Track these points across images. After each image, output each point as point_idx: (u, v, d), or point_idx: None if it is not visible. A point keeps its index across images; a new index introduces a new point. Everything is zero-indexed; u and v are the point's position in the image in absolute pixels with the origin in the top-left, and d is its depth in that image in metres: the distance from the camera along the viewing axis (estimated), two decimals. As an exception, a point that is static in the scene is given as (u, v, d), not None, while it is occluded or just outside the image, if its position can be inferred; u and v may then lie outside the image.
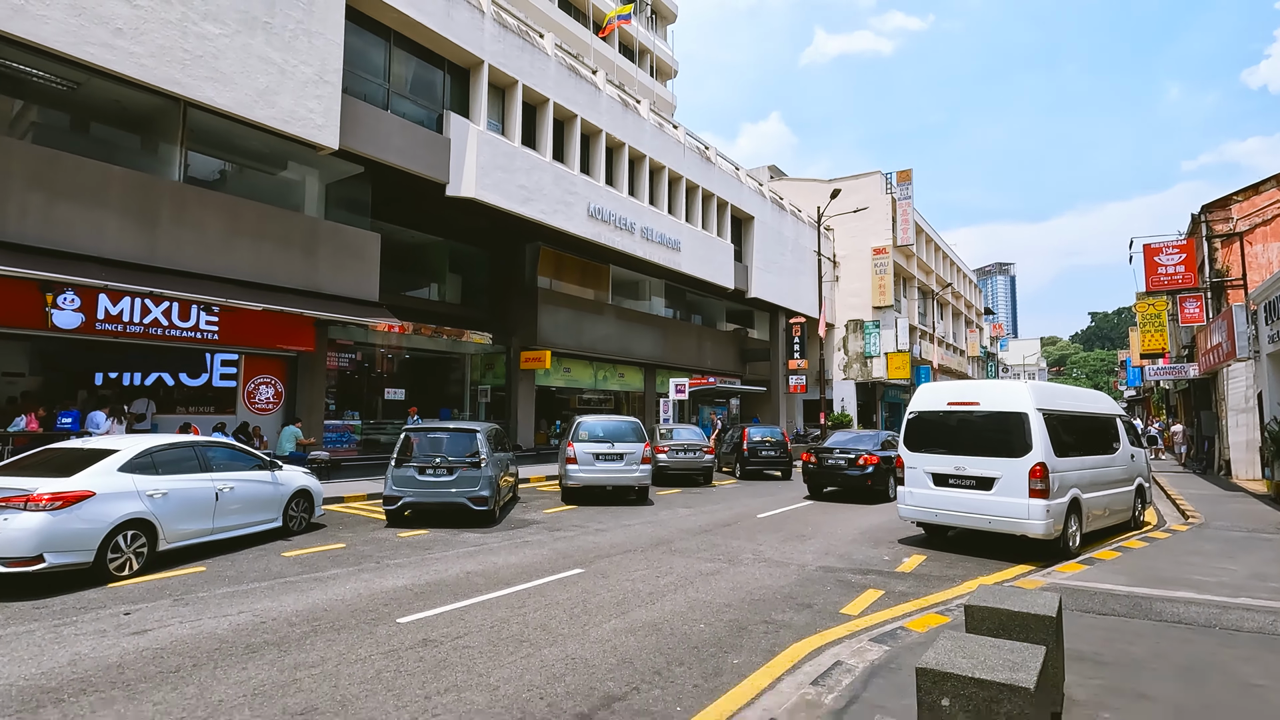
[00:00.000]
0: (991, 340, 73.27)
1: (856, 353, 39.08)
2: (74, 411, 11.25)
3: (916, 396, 9.15)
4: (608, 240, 21.49)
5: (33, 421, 10.65)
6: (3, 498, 5.97)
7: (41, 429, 10.76)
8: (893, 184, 40.17)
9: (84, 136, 13.82)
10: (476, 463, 9.81)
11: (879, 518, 11.37)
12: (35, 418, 10.79)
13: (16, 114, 12.88)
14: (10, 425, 10.47)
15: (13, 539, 5.82)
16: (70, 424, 10.90)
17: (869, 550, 8.69)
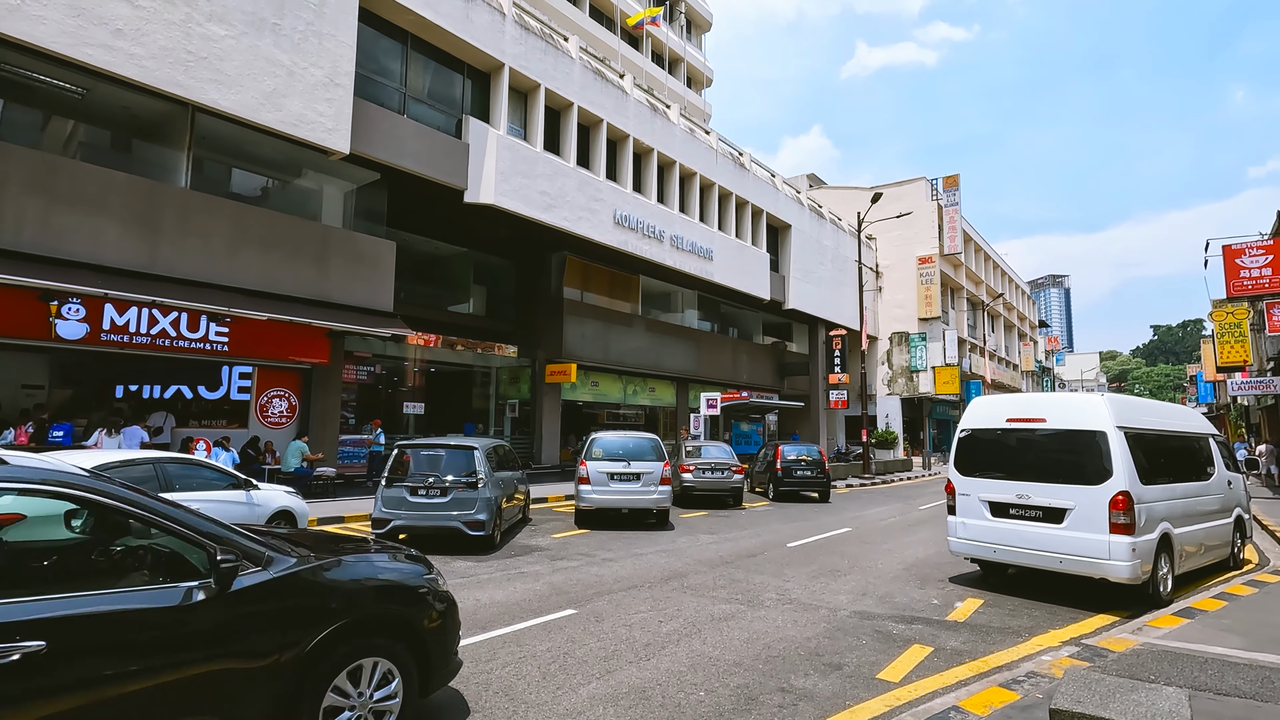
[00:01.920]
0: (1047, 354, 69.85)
1: (901, 367, 37.29)
2: (67, 425, 10.84)
3: (970, 411, 7.93)
4: (635, 249, 20.64)
5: (22, 435, 10.25)
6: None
7: (32, 443, 10.33)
8: (939, 190, 38.45)
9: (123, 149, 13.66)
10: (473, 483, 8.94)
11: (926, 550, 10.07)
12: (25, 431, 10.38)
13: (44, 127, 12.79)
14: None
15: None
16: (62, 438, 10.47)
17: (914, 591, 7.47)
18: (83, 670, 2.42)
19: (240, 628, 2.85)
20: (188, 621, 2.69)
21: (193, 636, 2.70)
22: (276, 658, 2.91)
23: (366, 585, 3.45)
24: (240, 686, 2.80)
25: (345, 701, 3.18)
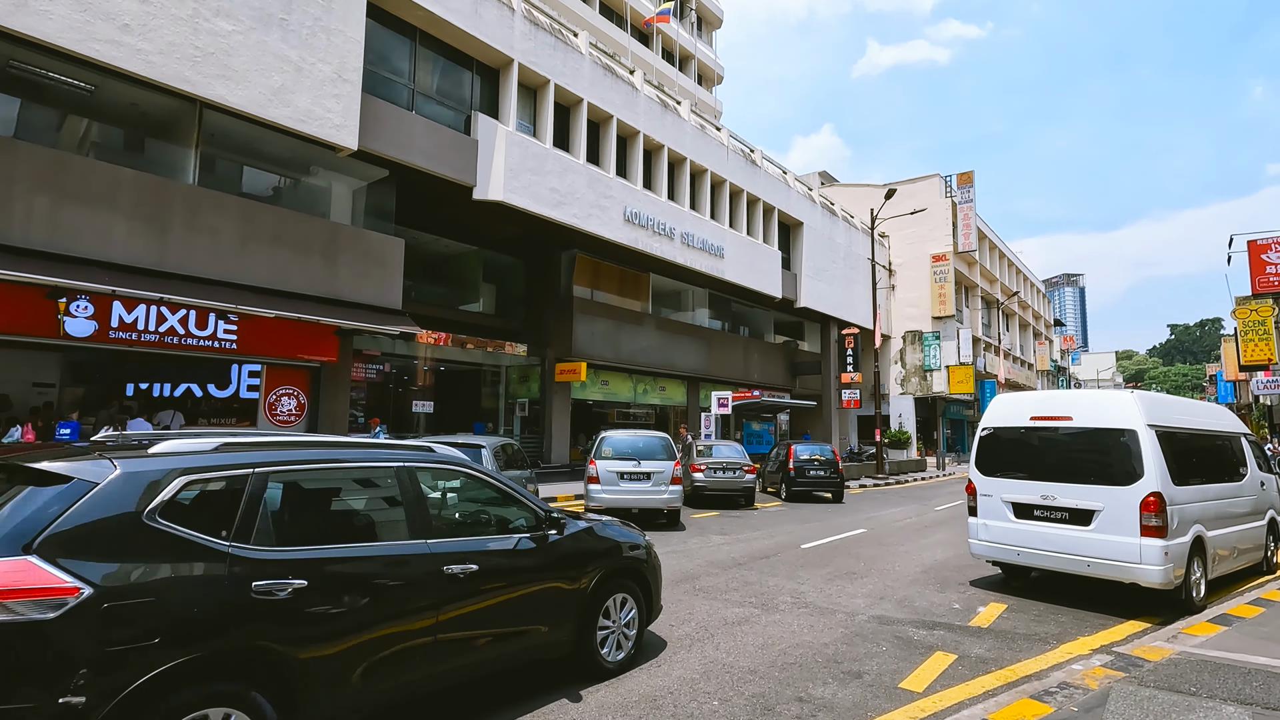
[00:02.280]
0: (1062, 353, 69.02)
1: (915, 366, 36.88)
2: (74, 423, 10.78)
3: (991, 409, 7.67)
4: (646, 246, 20.44)
5: (29, 433, 10.19)
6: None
7: (39, 440, 10.28)
8: (952, 187, 37.99)
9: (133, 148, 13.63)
10: (480, 482, 8.76)
11: (945, 552, 9.81)
12: (33, 429, 10.33)
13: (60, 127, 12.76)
14: (5, 436, 10.00)
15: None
16: (69, 435, 10.41)
17: (935, 595, 7.23)
18: (487, 583, 3.92)
19: (552, 565, 4.40)
20: (521, 559, 4.23)
21: (524, 569, 4.23)
22: (574, 585, 4.50)
23: (618, 541, 5.01)
24: (556, 602, 4.38)
25: (608, 624, 4.79)
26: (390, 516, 3.74)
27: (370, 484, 3.97)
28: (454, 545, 3.82)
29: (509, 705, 4.15)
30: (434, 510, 4.00)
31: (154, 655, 2.65)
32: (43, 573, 2.52)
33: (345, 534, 3.63)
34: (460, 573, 3.72)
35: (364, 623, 3.30)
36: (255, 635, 2.95)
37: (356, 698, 3.27)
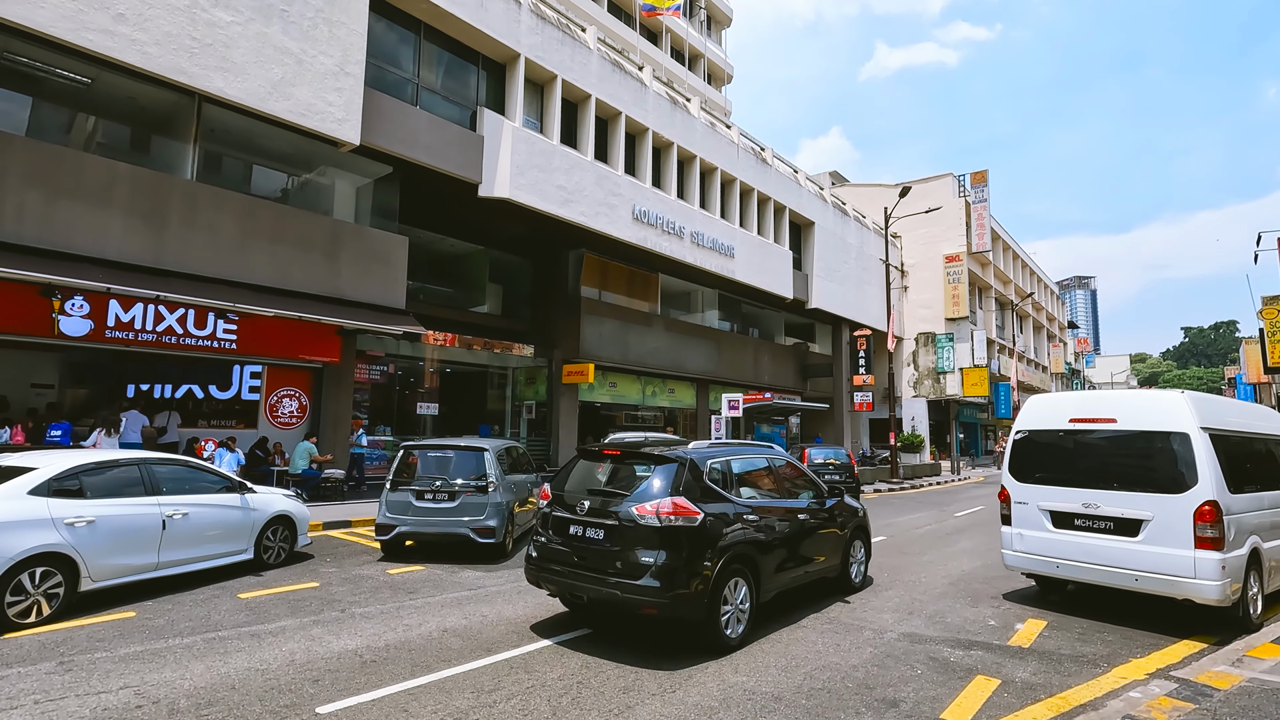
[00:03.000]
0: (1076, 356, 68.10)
1: (928, 368, 36.27)
2: (65, 424, 10.45)
3: (1026, 411, 7.19)
4: (654, 245, 20.03)
5: (19, 434, 9.87)
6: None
7: (29, 442, 9.96)
8: (966, 187, 37.40)
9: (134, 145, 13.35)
10: (483, 487, 8.37)
11: (972, 562, 9.31)
12: (22, 430, 10.01)
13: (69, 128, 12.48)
14: (-6, 438, 9.68)
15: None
16: (60, 437, 10.08)
17: (966, 609, 6.75)
18: (808, 524, 6.64)
19: (830, 520, 7.00)
20: (812, 515, 6.71)
21: (815, 521, 6.72)
22: (841, 533, 7.19)
23: (856, 508, 7.74)
24: (833, 542, 7.03)
25: (855, 557, 7.52)
26: (773, 485, 6.64)
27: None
28: (798, 503, 6.69)
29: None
30: (789, 484, 6.84)
31: (719, 548, 5.35)
32: (686, 505, 5.29)
33: (761, 492, 6.44)
34: (803, 518, 6.57)
35: (774, 538, 6.03)
36: (744, 541, 5.62)
37: (772, 582, 5.95)
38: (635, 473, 5.65)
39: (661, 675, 4.71)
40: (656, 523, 5.14)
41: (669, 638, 5.51)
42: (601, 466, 5.87)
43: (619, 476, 5.74)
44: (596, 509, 5.40)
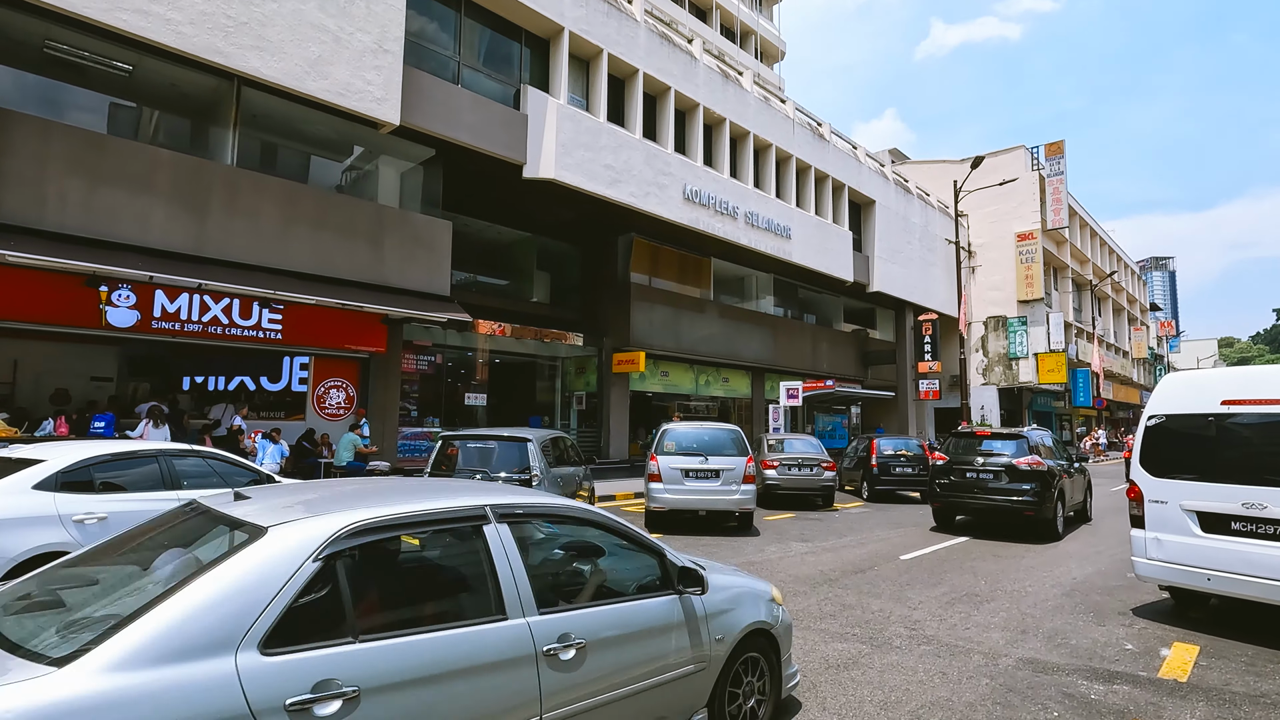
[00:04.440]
0: (1159, 340, 63.65)
1: (998, 354, 34.15)
2: (108, 415, 10.30)
3: (1162, 392, 6.03)
4: (706, 227, 19.07)
5: (62, 425, 9.73)
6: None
7: (73, 433, 9.81)
8: (1040, 159, 34.94)
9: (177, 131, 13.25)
10: (526, 480, 7.69)
11: (1082, 567, 8.14)
12: (65, 421, 9.87)
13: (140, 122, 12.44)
14: (38, 429, 9.55)
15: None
16: (104, 429, 9.92)
17: (1091, 628, 5.68)
18: (1070, 477, 11.65)
19: (1080, 473, 12.56)
20: (1070, 470, 11.68)
21: (1074, 473, 11.98)
22: (1084, 478, 12.91)
23: (1085, 472, 13.01)
24: (1082, 488, 12.70)
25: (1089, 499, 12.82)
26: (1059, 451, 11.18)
27: None
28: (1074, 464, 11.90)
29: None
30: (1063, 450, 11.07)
31: (1055, 481, 10.47)
32: (1039, 460, 10.21)
33: (1057, 454, 11.24)
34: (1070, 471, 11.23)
35: (1065, 480, 10.81)
36: (1061, 477, 10.84)
37: (1072, 502, 11.35)
38: (1003, 443, 10.63)
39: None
40: (1028, 468, 10.03)
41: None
42: (979, 442, 10.83)
43: (995, 445, 10.68)
44: (990, 462, 10.28)
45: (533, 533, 2.97)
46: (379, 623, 2.31)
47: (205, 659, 1.91)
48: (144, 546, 2.59)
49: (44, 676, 1.76)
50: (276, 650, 2.01)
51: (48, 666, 1.80)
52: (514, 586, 2.57)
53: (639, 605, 3.00)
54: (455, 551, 2.72)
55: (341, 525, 2.30)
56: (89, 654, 1.82)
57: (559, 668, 2.55)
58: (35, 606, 2.31)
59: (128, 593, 2.23)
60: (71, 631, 2.00)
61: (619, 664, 2.78)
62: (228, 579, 2.05)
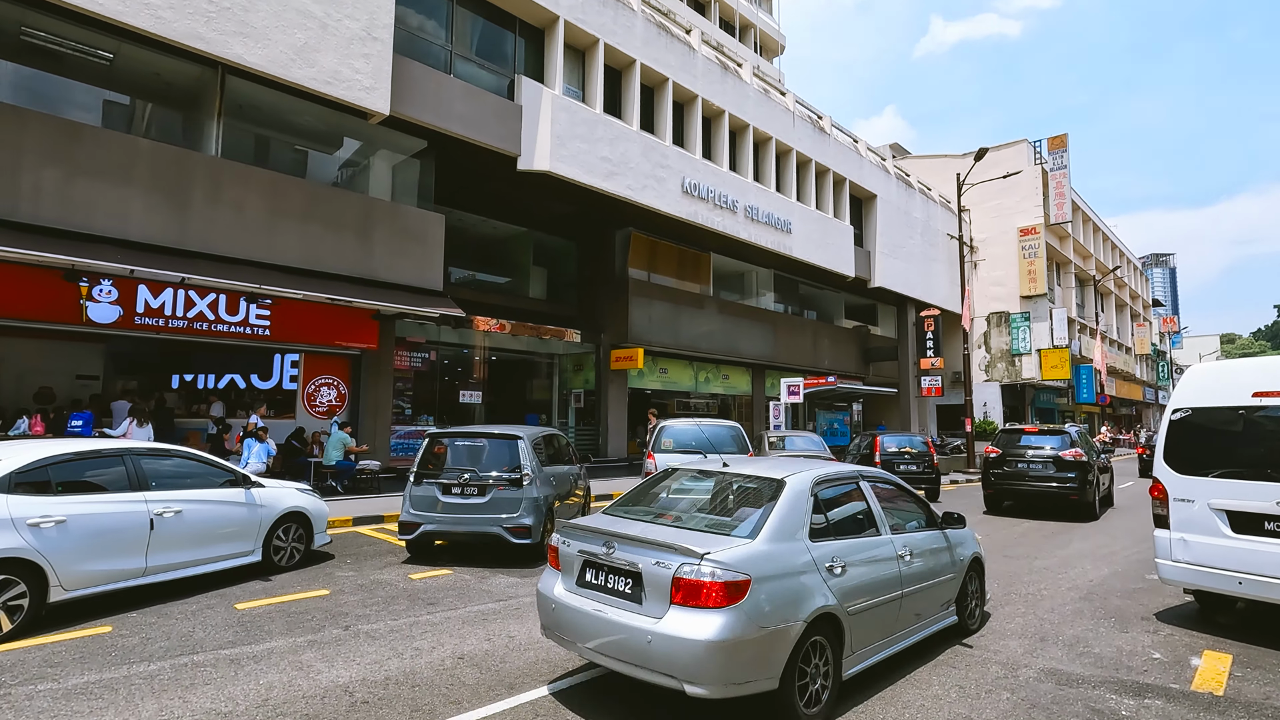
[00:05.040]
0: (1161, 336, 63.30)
1: (1001, 350, 33.78)
2: (87, 413, 9.96)
3: (1189, 383, 5.69)
4: (705, 220, 18.72)
5: (38, 424, 9.39)
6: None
7: (49, 432, 9.48)
8: (1043, 153, 34.56)
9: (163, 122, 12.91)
10: (517, 480, 7.35)
11: (1097, 569, 7.79)
12: (41, 420, 9.53)
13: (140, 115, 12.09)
14: (12, 428, 9.22)
15: None
16: (81, 428, 9.58)
17: (1114, 634, 5.34)
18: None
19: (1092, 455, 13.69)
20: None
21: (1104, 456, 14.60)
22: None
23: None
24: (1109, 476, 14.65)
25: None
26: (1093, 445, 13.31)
27: None
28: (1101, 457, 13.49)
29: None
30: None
31: (1096, 468, 12.86)
32: (1080, 452, 12.13)
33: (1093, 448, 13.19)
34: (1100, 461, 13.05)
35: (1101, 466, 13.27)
36: (1099, 465, 13.31)
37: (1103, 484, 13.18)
38: (1048, 438, 12.20)
39: None
40: (1072, 459, 11.76)
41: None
42: (1022, 437, 12.30)
43: (1041, 440, 12.32)
44: (1038, 454, 11.83)
45: (873, 488, 4.82)
46: (836, 530, 4.20)
47: (793, 541, 3.80)
48: (670, 490, 4.67)
49: (749, 543, 3.61)
50: (815, 540, 3.93)
51: (745, 539, 3.65)
52: (882, 517, 4.61)
53: (931, 534, 5.03)
54: (853, 495, 4.62)
55: (819, 478, 4.29)
56: (759, 534, 3.69)
57: (905, 566, 4.50)
58: (668, 519, 4.18)
59: (731, 510, 4.21)
60: (732, 528, 3.82)
61: (928, 567, 4.77)
62: (784, 504, 3.91)
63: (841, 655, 3.81)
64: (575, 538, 3.93)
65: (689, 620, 3.27)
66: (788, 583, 3.57)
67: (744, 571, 3.37)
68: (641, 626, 3.38)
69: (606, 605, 3.60)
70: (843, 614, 3.80)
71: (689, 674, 3.23)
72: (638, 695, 3.98)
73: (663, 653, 3.29)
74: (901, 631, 4.42)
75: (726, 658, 3.22)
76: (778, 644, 3.40)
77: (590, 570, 3.77)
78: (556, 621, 3.84)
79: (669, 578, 3.38)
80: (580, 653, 3.73)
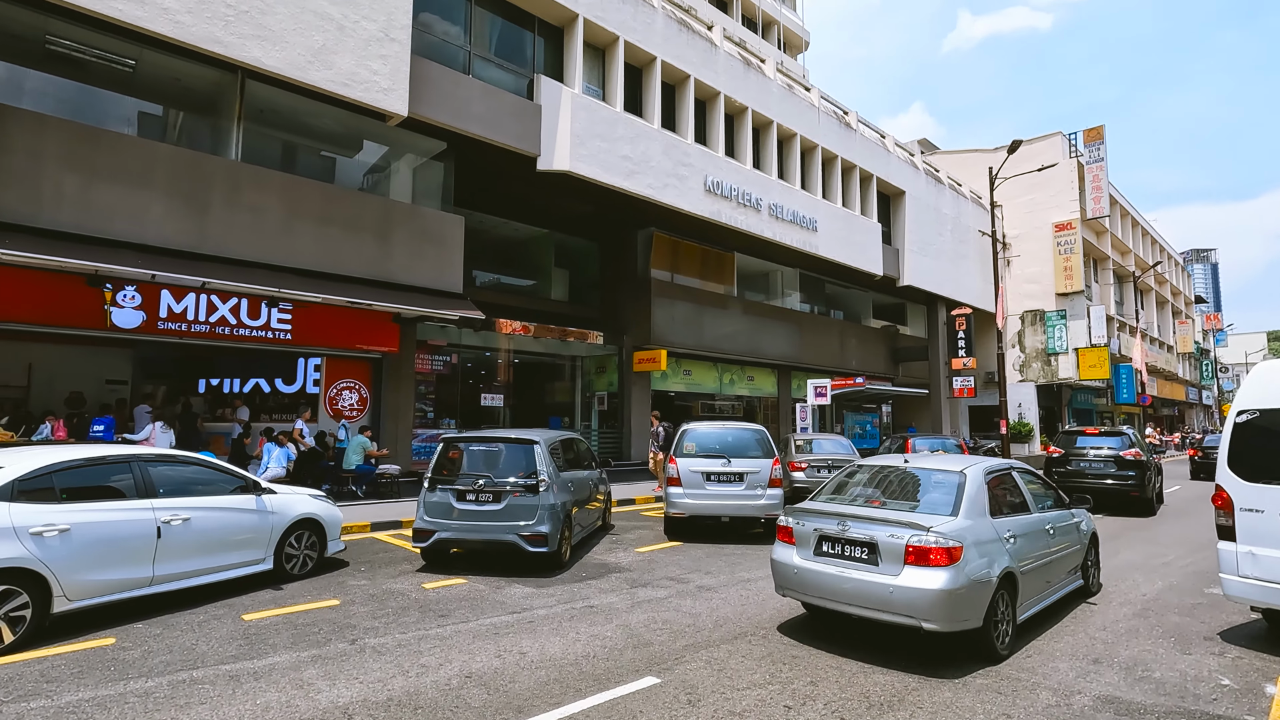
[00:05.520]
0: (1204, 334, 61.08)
1: (1036, 349, 32.78)
2: (109, 418, 9.98)
3: (1257, 381, 5.24)
4: (729, 219, 18.36)
5: (60, 429, 9.42)
6: None
7: (72, 437, 9.50)
8: (1078, 146, 33.49)
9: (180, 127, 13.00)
10: (533, 486, 7.11)
11: (1152, 582, 7.29)
12: (64, 425, 9.56)
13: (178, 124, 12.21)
14: (35, 434, 9.25)
15: None
16: (103, 433, 9.59)
17: (1176, 656, 4.91)
18: None
19: None
20: None
21: None
22: None
23: None
24: None
25: None
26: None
27: None
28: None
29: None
30: None
31: (1151, 466, 13.80)
32: (1139, 451, 13.21)
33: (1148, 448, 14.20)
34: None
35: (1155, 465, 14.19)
36: (1153, 464, 14.29)
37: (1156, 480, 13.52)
38: (1107, 439, 13.14)
39: None
40: (1132, 458, 12.54)
41: (781, 688, 4.02)
42: (1084, 438, 12.69)
43: (1100, 440, 13.22)
44: (1098, 454, 12.36)
45: (1020, 476, 6.02)
46: (1005, 509, 5.39)
47: (981, 518, 4.98)
48: (863, 482, 5.80)
49: (953, 519, 4.79)
50: (993, 517, 5.14)
51: (950, 517, 4.84)
52: (1032, 499, 5.85)
53: (1063, 513, 6.24)
54: (1010, 481, 5.77)
55: (988, 469, 5.46)
56: (959, 512, 4.89)
57: (1050, 538, 5.76)
58: (875, 504, 5.36)
59: (926, 496, 5.30)
60: (936, 510, 5.01)
61: (1065, 539, 6.05)
62: (970, 489, 5.09)
63: (1016, 605, 5.07)
64: (807, 519, 5.24)
65: (922, 576, 4.51)
66: (984, 548, 4.79)
67: (958, 540, 4.62)
68: (882, 582, 4.64)
69: (847, 568, 4.84)
70: (1018, 573, 5.07)
71: (925, 614, 4.48)
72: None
73: (903, 600, 4.53)
74: (1051, 589, 5.81)
75: (951, 602, 4.46)
76: (982, 593, 4.65)
77: (826, 543, 5.03)
78: (800, 582, 5.13)
79: (902, 546, 4.64)
80: (823, 605, 5.00)
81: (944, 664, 4.63)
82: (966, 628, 4.56)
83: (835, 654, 4.81)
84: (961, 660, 4.70)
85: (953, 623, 4.46)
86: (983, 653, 4.74)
